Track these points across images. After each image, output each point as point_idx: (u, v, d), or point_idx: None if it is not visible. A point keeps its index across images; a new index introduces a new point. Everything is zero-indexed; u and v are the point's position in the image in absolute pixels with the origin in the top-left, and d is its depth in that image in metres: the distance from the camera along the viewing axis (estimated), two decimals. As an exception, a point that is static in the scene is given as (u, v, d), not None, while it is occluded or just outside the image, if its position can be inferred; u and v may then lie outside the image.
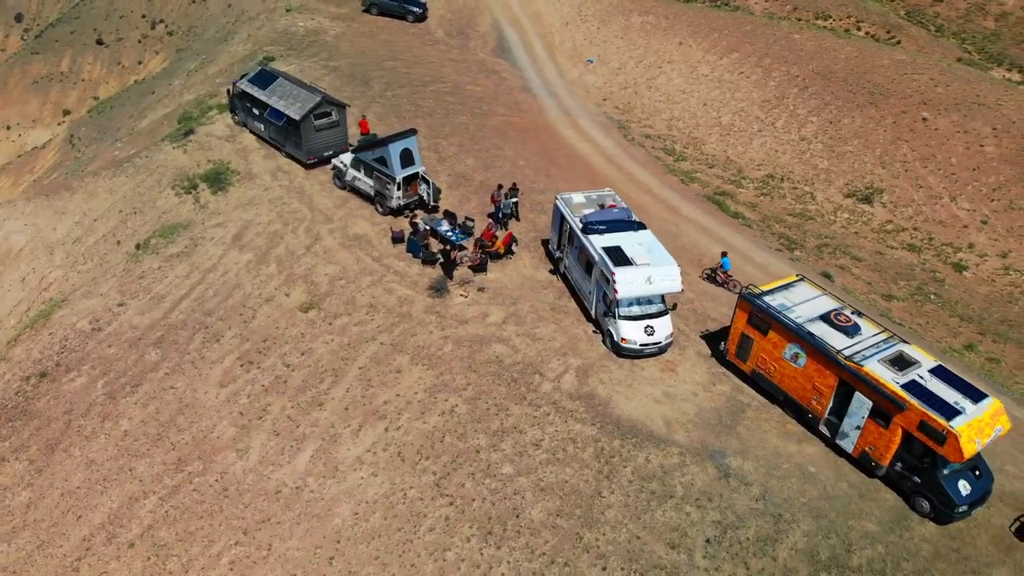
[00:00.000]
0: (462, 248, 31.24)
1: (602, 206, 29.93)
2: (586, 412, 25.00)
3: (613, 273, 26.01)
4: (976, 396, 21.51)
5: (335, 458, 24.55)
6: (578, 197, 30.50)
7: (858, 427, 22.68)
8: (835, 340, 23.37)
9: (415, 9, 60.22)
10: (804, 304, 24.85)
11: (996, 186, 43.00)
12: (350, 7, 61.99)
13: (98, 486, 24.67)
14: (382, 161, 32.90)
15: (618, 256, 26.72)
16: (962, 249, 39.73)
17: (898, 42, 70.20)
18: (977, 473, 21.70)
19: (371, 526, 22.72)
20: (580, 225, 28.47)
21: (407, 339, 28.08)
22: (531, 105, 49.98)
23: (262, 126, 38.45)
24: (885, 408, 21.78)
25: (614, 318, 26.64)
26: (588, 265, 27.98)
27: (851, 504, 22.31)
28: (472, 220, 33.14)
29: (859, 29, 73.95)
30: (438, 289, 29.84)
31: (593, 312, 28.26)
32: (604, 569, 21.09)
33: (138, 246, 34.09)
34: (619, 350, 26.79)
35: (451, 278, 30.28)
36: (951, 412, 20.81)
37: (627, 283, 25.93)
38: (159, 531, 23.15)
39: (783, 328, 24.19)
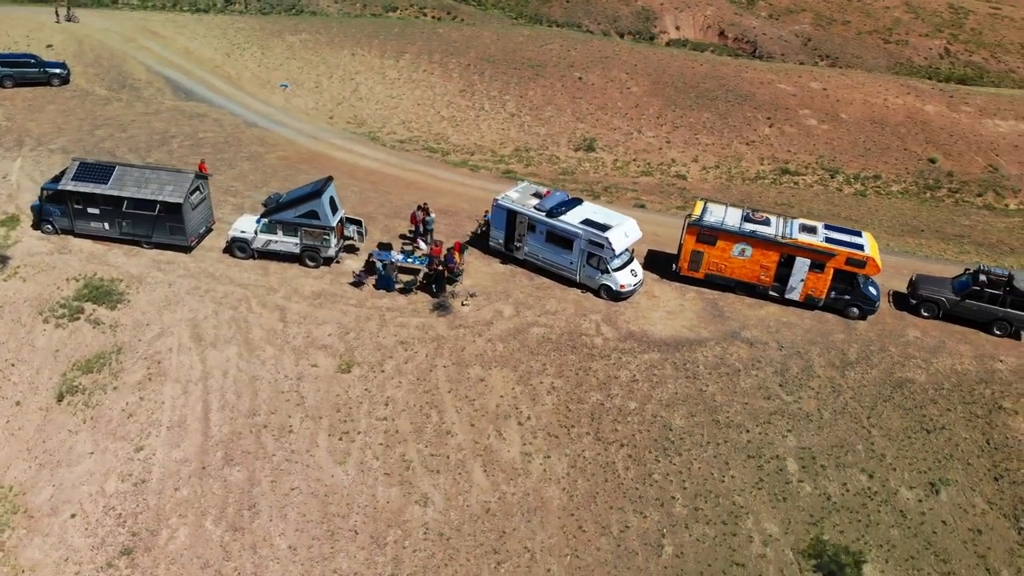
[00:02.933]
0: (446, 262, 33.88)
1: (538, 195, 35.56)
2: (640, 345, 31.66)
3: (606, 237, 32.53)
4: (857, 233, 34.00)
5: (505, 462, 27.41)
6: (513, 194, 35.53)
7: (802, 280, 33.57)
8: (766, 231, 33.77)
9: (59, 72, 53.78)
10: (727, 216, 34.66)
11: (656, 115, 58.23)
12: (-33, 84, 52.37)
13: (318, 600, 23.80)
14: (312, 215, 33.31)
15: (596, 224, 33.23)
16: (672, 164, 53.92)
17: (461, 20, 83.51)
18: (872, 282, 34.39)
19: (584, 490, 26.80)
20: (543, 213, 33.96)
21: (460, 353, 30.89)
22: (276, 138, 50.39)
23: (105, 224, 34.18)
24: (820, 260, 32.93)
25: (608, 273, 33.24)
26: (564, 241, 33.74)
27: (821, 328, 33.33)
28: (410, 245, 35.73)
29: (425, 15, 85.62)
30: (444, 307, 32.64)
31: (578, 277, 34.23)
32: (747, 431, 28.85)
33: (60, 396, 29.18)
34: (619, 296, 33.58)
35: (444, 292, 33.20)
36: (858, 246, 32.87)
37: (618, 241, 32.76)
38: (422, 595, 23.95)
39: (729, 235, 33.70)
